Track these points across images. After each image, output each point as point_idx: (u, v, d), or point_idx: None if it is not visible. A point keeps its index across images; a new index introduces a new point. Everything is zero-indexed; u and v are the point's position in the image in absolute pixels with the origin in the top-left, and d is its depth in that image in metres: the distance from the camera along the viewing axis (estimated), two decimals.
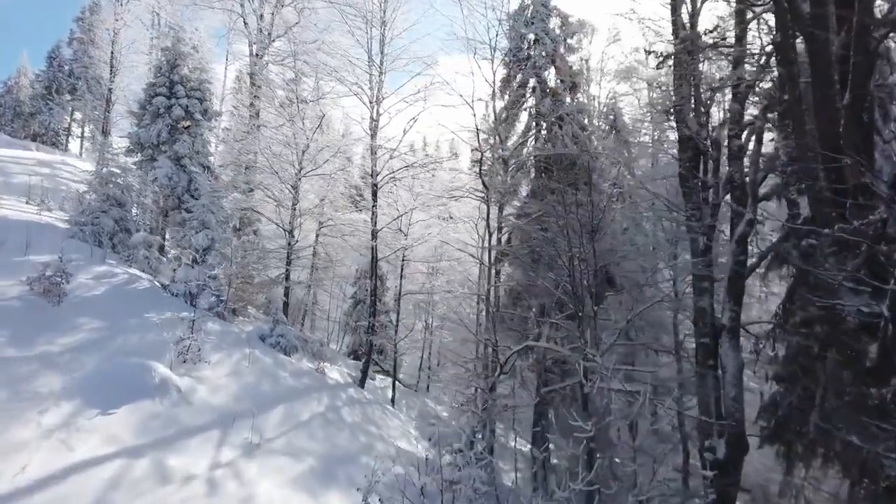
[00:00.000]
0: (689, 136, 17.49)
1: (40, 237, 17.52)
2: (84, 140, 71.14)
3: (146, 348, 13.58)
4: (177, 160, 24.44)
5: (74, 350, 12.26)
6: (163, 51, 26.18)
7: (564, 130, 24.24)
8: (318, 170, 23.22)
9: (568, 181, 23.82)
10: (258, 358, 16.32)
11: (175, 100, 24.91)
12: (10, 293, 13.43)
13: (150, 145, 24.61)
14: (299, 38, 25.31)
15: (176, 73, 25.28)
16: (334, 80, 23.65)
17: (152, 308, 16.22)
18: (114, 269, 17.45)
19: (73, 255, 17.35)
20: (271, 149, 24.15)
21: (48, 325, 12.76)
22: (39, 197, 26.19)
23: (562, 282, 16.57)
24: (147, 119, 24.81)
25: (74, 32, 69.60)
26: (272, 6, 28.57)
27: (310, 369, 18.42)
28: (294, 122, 23.37)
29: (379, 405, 19.64)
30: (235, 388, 13.95)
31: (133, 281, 17.42)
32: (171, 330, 15.11)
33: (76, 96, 68.59)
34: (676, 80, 18.08)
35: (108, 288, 16.01)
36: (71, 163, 37.31)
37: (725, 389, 16.21)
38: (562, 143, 23.97)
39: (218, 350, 15.48)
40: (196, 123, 25.26)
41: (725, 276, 17.05)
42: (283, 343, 18.56)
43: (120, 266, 18.24)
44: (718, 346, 16.78)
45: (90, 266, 16.84)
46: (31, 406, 9.78)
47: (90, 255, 17.59)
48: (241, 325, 19.80)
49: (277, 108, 26.04)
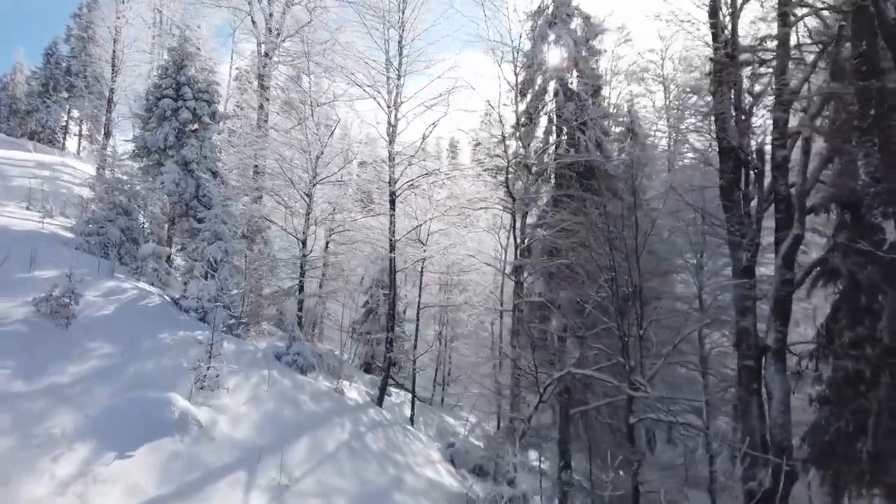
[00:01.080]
0: (730, 146, 16.59)
1: (45, 250, 16.55)
2: (82, 138, 70.06)
3: (162, 375, 12.68)
4: (184, 165, 23.46)
5: (86, 380, 11.33)
6: (169, 51, 25.17)
7: (588, 136, 23.34)
8: (332, 176, 22.22)
9: (591, 189, 23.05)
10: (276, 380, 15.40)
11: (182, 102, 23.92)
12: (16, 315, 12.48)
13: (156, 149, 23.62)
14: (311, 38, 24.28)
15: (183, 74, 24.28)
16: (348, 82, 22.64)
17: (165, 327, 15.30)
18: (122, 285, 16.51)
19: (79, 269, 16.38)
20: (281, 153, 23.14)
21: (57, 351, 11.81)
22: (41, 202, 25.21)
23: (604, 302, 15.65)
24: (153, 122, 23.81)
25: (72, 29, 68.40)
26: (282, 4, 27.57)
27: (328, 389, 17.52)
28: (307, 126, 22.37)
29: (400, 426, 18.75)
30: (256, 418, 13.03)
31: (143, 297, 16.48)
32: (185, 351, 14.26)
33: (74, 94, 67.49)
34: (716, 87, 17.17)
35: (119, 306, 15.06)
36: (71, 164, 36.31)
37: (772, 415, 15.35)
38: (585, 150, 23.09)
39: (235, 373, 14.56)
40: (204, 127, 24.30)
41: (769, 293, 16.26)
42: (299, 361, 17.65)
43: (129, 280, 17.30)
44: (763, 369, 15.95)
45: (98, 281, 15.88)
46: (43, 452, 8.85)
47: (97, 270, 16.62)
48: (255, 342, 18.89)
49: (288, 110, 25.07)
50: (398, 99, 21.33)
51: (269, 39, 27.20)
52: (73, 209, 25.93)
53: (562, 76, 24.17)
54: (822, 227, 17.38)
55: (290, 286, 23.09)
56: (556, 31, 24.17)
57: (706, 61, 20.52)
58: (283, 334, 21.63)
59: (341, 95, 23.47)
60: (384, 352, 26.23)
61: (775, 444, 15.19)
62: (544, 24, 24.82)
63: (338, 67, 22.38)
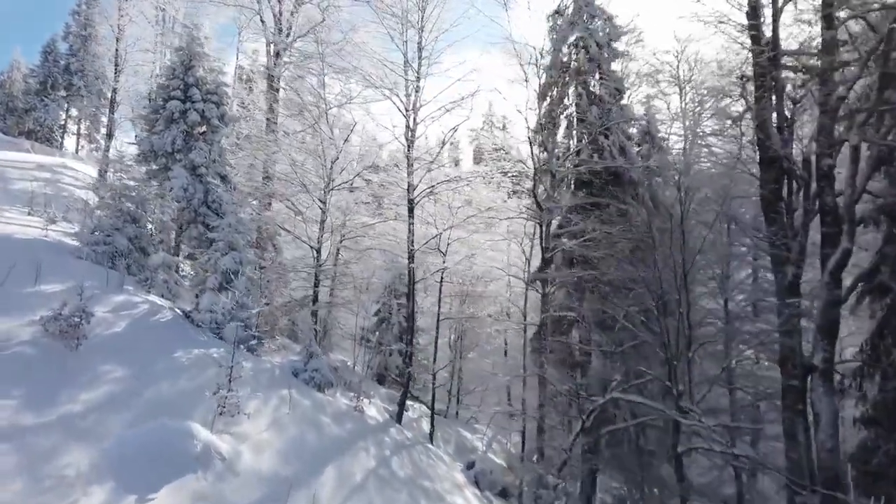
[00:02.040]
0: (774, 155, 15.80)
1: (50, 260, 15.69)
2: (80, 138, 69.05)
3: (179, 400, 11.85)
4: (193, 170, 22.60)
5: (100, 409, 10.48)
6: (176, 51, 24.30)
7: (611, 141, 22.52)
8: (348, 183, 21.36)
9: (615, 196, 22.23)
10: (296, 401, 14.56)
11: (190, 104, 23.06)
12: (23, 336, 11.61)
13: (163, 153, 22.75)
14: (324, 38, 23.38)
15: (191, 74, 23.41)
16: (364, 83, 21.77)
17: (179, 345, 14.46)
18: (133, 298, 15.64)
19: (87, 281, 15.52)
20: (294, 157, 22.29)
21: (68, 376, 10.97)
22: (42, 207, 24.31)
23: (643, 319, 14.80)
24: (160, 125, 22.94)
25: (70, 26, 67.39)
26: (292, 3, 26.68)
27: (348, 408, 16.68)
28: (320, 130, 21.54)
29: (421, 446, 17.90)
30: (280, 445, 12.19)
31: (155, 311, 15.61)
32: (202, 371, 13.47)
33: (72, 92, 66.49)
34: (759, 92, 16.36)
35: (130, 322, 14.20)
36: (72, 166, 35.32)
37: (819, 438, 14.55)
38: (609, 155, 22.27)
39: (254, 394, 13.74)
40: (213, 130, 23.43)
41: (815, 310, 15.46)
42: (317, 378, 16.82)
43: (138, 293, 16.44)
44: (808, 390, 15.17)
45: (107, 295, 15.01)
46: (57, 497, 8.02)
47: (106, 282, 15.76)
48: (270, 356, 18.07)
49: (299, 112, 24.21)
50: (417, 102, 20.47)
51: (280, 39, 26.30)
52: (77, 214, 25.06)
53: (584, 79, 23.34)
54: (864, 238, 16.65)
55: (304, 297, 22.24)
56: (578, 32, 23.32)
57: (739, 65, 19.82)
58: (297, 347, 20.79)
59: (355, 97, 22.59)
60: (400, 365, 25.54)
61: (823, 470, 14.41)
62: (565, 25, 23.98)
63: (353, 68, 21.49)
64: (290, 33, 26.84)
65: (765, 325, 17.73)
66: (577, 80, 23.16)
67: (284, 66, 25.96)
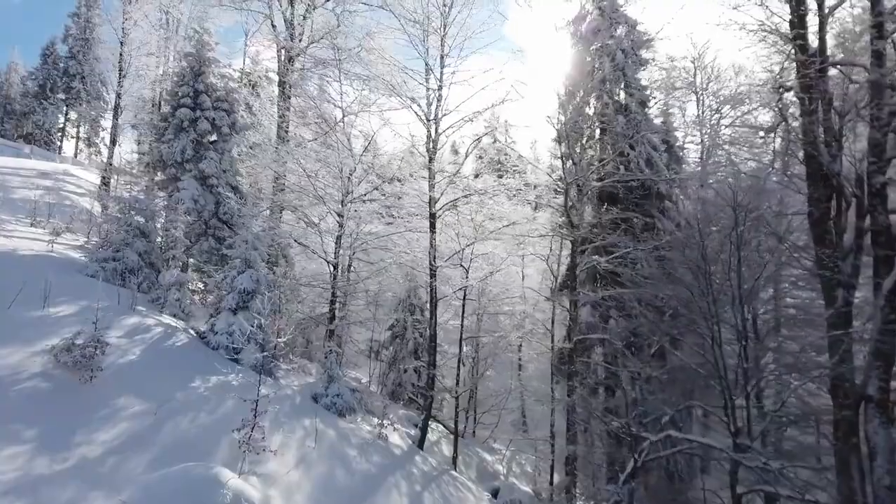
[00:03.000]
0: (823, 171, 14.98)
1: (57, 279, 14.82)
2: (79, 141, 68.04)
3: (201, 437, 11.02)
4: (203, 180, 21.79)
5: (118, 451, 9.62)
6: (185, 56, 23.47)
7: (638, 152, 21.72)
8: (367, 195, 20.47)
9: (644, 211, 21.46)
10: (321, 432, 13.71)
11: (200, 112, 22.27)
12: (33, 368, 10.76)
13: (172, 163, 21.92)
14: (338, 43, 22.48)
15: (201, 81, 22.63)
16: (381, 92, 20.92)
17: (196, 371, 13.64)
18: (146, 320, 14.78)
19: (97, 302, 14.68)
20: (307, 167, 21.40)
21: (83, 414, 10.11)
22: (46, 217, 23.47)
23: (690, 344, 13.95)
24: (170, 133, 22.11)
25: (70, 29, 66.46)
26: (304, 7, 25.81)
27: (371, 436, 15.81)
28: (337, 139, 20.70)
29: (448, 475, 17.01)
30: (309, 487, 11.33)
31: (169, 334, 14.75)
32: (221, 401, 12.68)
33: (71, 96, 65.57)
34: (804, 106, 15.53)
35: (145, 349, 13.35)
36: (74, 173, 34.49)
37: (875, 474, 13.69)
38: (636, 167, 21.48)
39: (277, 425, 12.89)
40: (223, 138, 22.61)
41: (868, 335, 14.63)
42: (339, 404, 15.96)
43: (151, 313, 15.57)
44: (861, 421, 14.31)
45: (119, 317, 14.15)
46: None
47: (117, 302, 14.91)
48: (288, 379, 17.21)
49: (314, 120, 23.38)
50: (439, 112, 19.61)
51: (292, 45, 25.44)
52: (81, 224, 24.24)
53: (609, 88, 22.53)
54: None
55: (320, 314, 21.37)
56: (601, 39, 22.51)
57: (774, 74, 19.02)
58: (312, 367, 19.93)
59: (371, 105, 21.72)
60: (416, 381, 24.70)
61: None
62: (588, 32, 23.18)
63: (370, 76, 20.60)
64: (302, 38, 26.01)
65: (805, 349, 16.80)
66: (601, 88, 22.34)
67: (301, 74, 25.10)
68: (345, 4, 24.11)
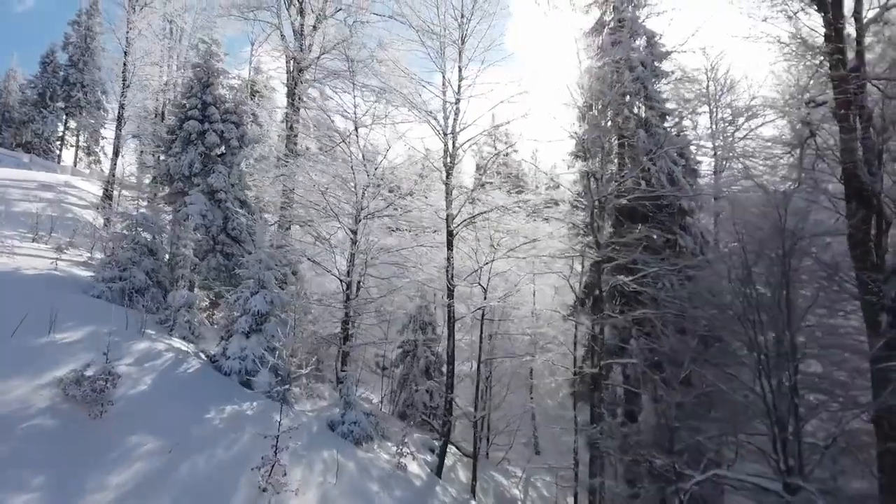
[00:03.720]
0: (863, 190, 14.39)
1: (62, 301, 14.16)
2: (79, 150, 67.32)
3: (218, 476, 10.34)
4: (211, 195, 21.12)
5: (134, 495, 8.94)
6: (193, 67, 22.83)
7: (659, 167, 21.10)
8: (383, 210, 19.77)
9: (665, 228, 20.85)
10: (341, 466, 13.02)
11: (209, 124, 21.61)
12: (40, 402, 10.07)
13: (180, 177, 21.26)
14: (351, 54, 21.83)
15: (209, 92, 21.99)
16: (396, 104, 20.29)
17: (210, 401, 12.95)
18: (156, 345, 14.08)
19: (105, 326, 14.02)
20: (318, 180, 20.76)
21: (94, 455, 9.42)
22: (48, 231, 22.82)
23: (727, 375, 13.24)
24: (177, 146, 21.45)
25: (70, 36, 65.88)
26: (314, 17, 25.23)
27: (390, 465, 15.11)
28: (350, 154, 20.07)
29: None
30: None
31: (180, 360, 14.06)
32: (238, 434, 12.02)
33: (71, 104, 64.97)
34: (842, 121, 14.95)
35: (156, 377, 12.64)
36: (75, 184, 33.81)
37: None
38: (658, 183, 20.85)
39: (296, 459, 12.22)
40: (232, 152, 21.96)
41: None
42: (356, 432, 15.26)
43: (160, 336, 14.89)
44: None
45: (129, 342, 13.49)
46: None
47: (125, 325, 14.22)
48: (301, 404, 16.53)
49: (325, 133, 22.76)
50: (457, 125, 18.97)
51: (302, 56, 24.85)
52: (85, 239, 23.58)
53: (630, 101, 21.93)
54: None
55: (332, 334, 20.66)
56: (622, 52, 21.89)
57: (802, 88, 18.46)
58: (324, 389, 19.21)
59: (383, 118, 21.09)
60: (428, 402, 23.96)
61: None
62: (607, 43, 22.59)
63: (385, 87, 19.96)
64: (311, 48, 25.42)
65: None
66: (622, 102, 21.73)
67: (308, 84, 24.48)
68: (357, 15, 23.51)
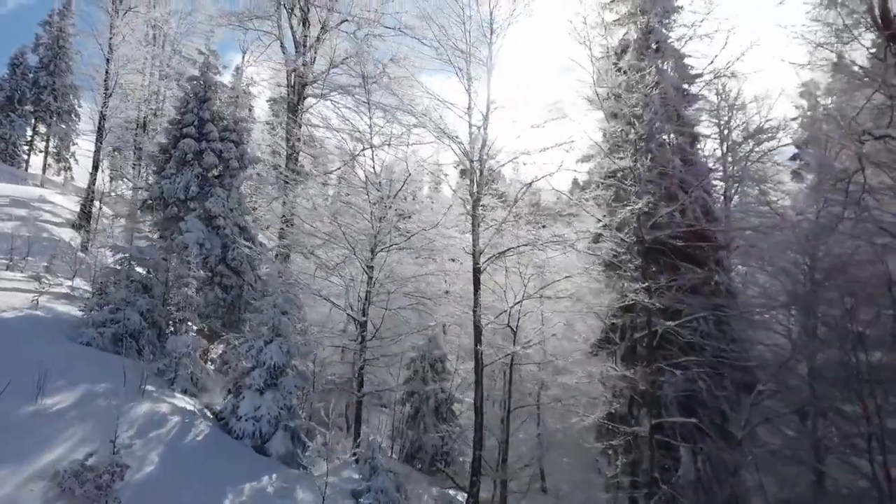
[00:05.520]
0: None
1: (50, 353, 12.33)
2: (48, 156, 64.43)
3: None
4: (209, 220, 19.24)
5: None
6: (189, 80, 20.99)
7: (693, 197, 19.70)
8: (403, 243, 18.00)
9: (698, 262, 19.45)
10: None
11: (206, 143, 19.73)
12: (30, 500, 8.21)
13: (174, 200, 19.34)
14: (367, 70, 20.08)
15: (206, 108, 20.14)
16: (412, 126, 18.67)
17: (225, 476, 11.21)
18: (159, 407, 12.26)
19: (100, 383, 12.17)
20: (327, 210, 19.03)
21: None
22: (24, 256, 20.69)
23: None
24: (172, 167, 19.53)
25: (41, 38, 63.21)
26: (318, 28, 23.45)
27: None
28: (365, 181, 18.37)
29: None
30: None
31: (188, 425, 12.24)
32: None
33: (40, 108, 62.24)
34: None
35: (163, 451, 10.84)
36: (50, 199, 31.48)
37: None
38: (692, 215, 19.46)
39: None
40: (231, 173, 20.10)
41: None
42: (382, 501, 13.49)
43: (162, 394, 13.05)
44: None
45: (129, 405, 11.64)
46: None
47: (122, 382, 12.30)
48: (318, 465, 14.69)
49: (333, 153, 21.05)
50: (484, 153, 17.35)
51: (303, 69, 23.07)
52: (64, 265, 21.50)
53: (661, 126, 20.50)
54: None
55: (345, 380, 18.85)
56: (654, 76, 20.45)
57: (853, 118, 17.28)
58: (340, 438, 17.42)
59: (399, 137, 19.44)
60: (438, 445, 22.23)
61: None
62: (635, 63, 21.17)
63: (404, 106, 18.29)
64: (314, 61, 23.65)
65: None
66: (654, 127, 20.28)
67: (319, 99, 22.73)
68: (368, 27, 21.79)
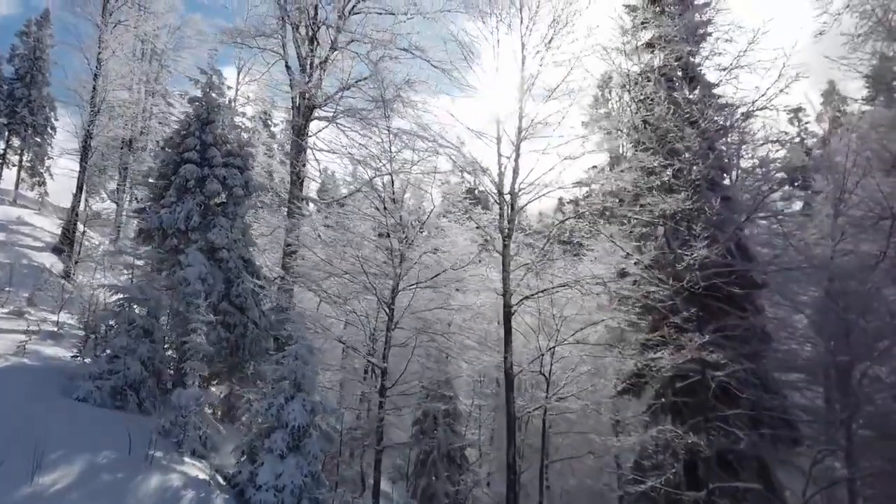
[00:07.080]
0: None
1: (44, 415, 10.74)
2: (21, 170, 62.04)
3: None
4: (211, 253, 17.68)
5: None
6: (190, 101, 19.45)
7: (729, 235, 18.60)
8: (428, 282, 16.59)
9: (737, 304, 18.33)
10: None
11: (209, 169, 18.17)
12: None
13: (174, 231, 17.74)
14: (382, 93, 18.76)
15: (209, 131, 18.57)
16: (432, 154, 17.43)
17: None
18: (169, 478, 10.71)
19: (103, 451, 10.63)
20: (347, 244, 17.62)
21: None
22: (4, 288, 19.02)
23: None
24: (171, 195, 17.93)
25: (17, 48, 61.12)
26: (327, 48, 22.09)
27: None
28: (385, 211, 17.00)
29: None
30: None
31: (203, 500, 10.68)
32: None
33: (15, 120, 60.05)
34: None
35: None
36: (29, 221, 29.65)
37: None
38: (728, 253, 18.35)
39: None
40: (235, 201, 18.59)
41: None
42: None
43: (171, 461, 11.47)
44: None
45: (136, 478, 10.16)
46: None
47: (128, 450, 10.77)
48: None
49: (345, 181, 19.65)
50: (516, 186, 16.09)
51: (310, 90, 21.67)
52: (48, 297, 19.85)
53: (694, 159, 19.42)
54: None
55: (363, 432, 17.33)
56: (687, 106, 19.38)
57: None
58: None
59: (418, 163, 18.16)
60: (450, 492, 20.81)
61: None
62: (660, 88, 20.11)
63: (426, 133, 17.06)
64: (322, 82, 22.26)
65: None
66: (690, 161, 19.19)
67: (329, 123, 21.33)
68: (382, 48, 20.47)
